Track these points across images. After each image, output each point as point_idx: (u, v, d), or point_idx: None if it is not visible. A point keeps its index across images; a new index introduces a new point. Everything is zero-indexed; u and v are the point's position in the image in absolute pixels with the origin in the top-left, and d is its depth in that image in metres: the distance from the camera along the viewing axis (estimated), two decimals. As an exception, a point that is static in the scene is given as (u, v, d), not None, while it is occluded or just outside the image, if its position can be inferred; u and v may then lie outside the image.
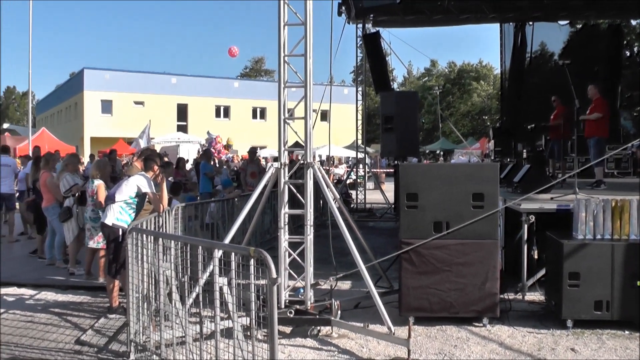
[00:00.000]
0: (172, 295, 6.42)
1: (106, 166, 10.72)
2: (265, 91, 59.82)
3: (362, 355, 6.86)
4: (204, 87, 59.53)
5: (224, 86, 61.64)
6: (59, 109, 69.01)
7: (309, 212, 7.82)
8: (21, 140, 38.23)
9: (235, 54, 25.16)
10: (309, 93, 7.81)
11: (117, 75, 57.40)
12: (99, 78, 56.35)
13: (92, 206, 10.02)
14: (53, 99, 73.38)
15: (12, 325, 8.35)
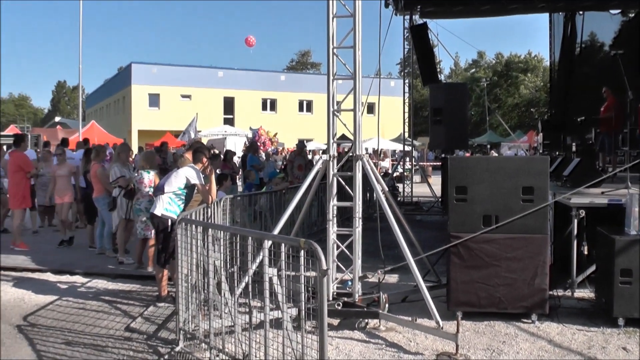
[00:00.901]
0: (221, 285, 6.45)
1: (154, 157, 10.84)
2: (311, 84, 59.79)
3: (409, 349, 6.82)
4: (251, 80, 59.70)
5: (271, 79, 61.71)
6: (108, 102, 70.06)
7: (357, 204, 7.79)
8: (72, 133, 38.97)
9: (252, 44, 25.19)
10: (358, 85, 7.78)
11: (164, 69, 57.94)
12: (147, 72, 57.00)
13: (148, 197, 10.12)
14: (102, 93, 74.54)
15: (65, 311, 8.55)
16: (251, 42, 23.94)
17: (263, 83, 60.32)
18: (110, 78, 75.10)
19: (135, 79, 56.86)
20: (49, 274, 10.94)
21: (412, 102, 23.72)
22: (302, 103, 62.90)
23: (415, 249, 8.29)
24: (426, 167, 32.29)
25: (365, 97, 7.96)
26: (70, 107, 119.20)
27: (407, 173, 25.42)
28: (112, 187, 11.53)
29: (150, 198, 10.03)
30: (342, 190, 8.20)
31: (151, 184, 10.07)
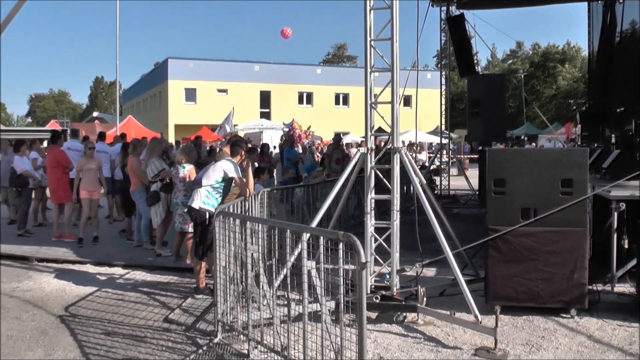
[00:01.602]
0: (259, 278, 6.47)
1: (192, 152, 10.90)
2: (348, 77, 59.65)
3: (448, 344, 6.78)
4: (287, 74, 59.68)
5: (307, 73, 61.65)
6: (144, 97, 70.66)
7: (395, 197, 7.75)
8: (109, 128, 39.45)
9: (288, 36, 25.15)
10: (396, 77, 7.73)
11: (200, 64, 58.21)
12: (183, 67, 57.33)
13: (183, 191, 10.20)
14: (139, 88, 75.18)
15: (104, 302, 8.70)
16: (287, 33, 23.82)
17: (299, 76, 60.28)
18: (147, 73, 75.75)
19: (171, 74, 57.26)
20: (88, 266, 11.13)
21: (449, 94, 23.53)
22: (339, 96, 62.74)
23: (453, 242, 8.21)
24: (463, 160, 31.99)
25: (402, 90, 7.89)
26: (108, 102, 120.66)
27: (444, 166, 25.26)
28: (148, 181, 11.64)
29: (185, 192, 10.12)
30: (379, 183, 8.16)
31: (186, 179, 10.14)
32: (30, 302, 8.77)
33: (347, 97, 61.99)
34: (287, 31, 24.14)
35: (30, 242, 13.14)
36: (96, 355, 6.55)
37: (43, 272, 10.75)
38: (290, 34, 24.48)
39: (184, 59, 59.06)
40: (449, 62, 24.24)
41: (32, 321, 7.88)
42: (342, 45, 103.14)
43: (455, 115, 48.33)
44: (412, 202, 13.52)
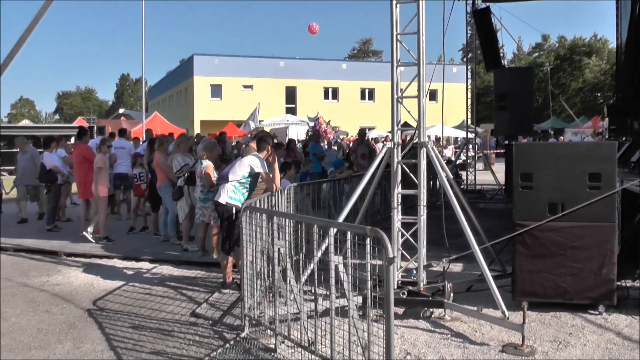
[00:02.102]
0: (286, 273, 6.48)
1: (214, 147, 10.94)
2: (373, 72, 59.56)
3: (475, 340, 6.74)
4: (312, 69, 59.72)
5: (332, 68, 61.60)
6: (170, 94, 71.09)
7: (422, 192, 7.71)
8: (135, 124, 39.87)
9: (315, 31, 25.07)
10: (422, 71, 7.68)
11: (226, 60, 58.45)
12: (209, 63, 57.61)
13: (200, 187, 10.26)
14: (164, 84, 75.67)
15: (131, 296, 8.78)
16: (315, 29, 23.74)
17: (324, 72, 60.28)
18: (173, 70, 76.24)
19: (197, 71, 57.59)
20: (115, 260, 11.24)
21: (475, 88, 23.37)
22: (364, 91, 62.61)
23: (480, 237, 8.14)
24: (489, 154, 31.78)
25: (428, 84, 7.84)
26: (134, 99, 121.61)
27: (470, 160, 25.12)
28: (175, 176, 11.71)
29: (201, 188, 10.18)
30: (405, 178, 8.13)
31: (201, 174, 10.19)
32: (59, 296, 8.88)
33: (373, 92, 61.85)
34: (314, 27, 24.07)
35: (58, 237, 13.29)
36: (124, 349, 6.61)
37: (71, 266, 10.88)
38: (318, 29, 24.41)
39: (209, 55, 59.41)
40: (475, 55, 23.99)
41: (61, 314, 7.99)
42: (367, 40, 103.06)
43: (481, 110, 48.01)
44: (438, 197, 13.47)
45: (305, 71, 59.05)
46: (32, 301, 8.66)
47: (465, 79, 23.79)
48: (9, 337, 7.11)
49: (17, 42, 6.31)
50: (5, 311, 8.16)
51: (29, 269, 10.72)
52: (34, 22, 6.37)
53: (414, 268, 7.88)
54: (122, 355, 6.41)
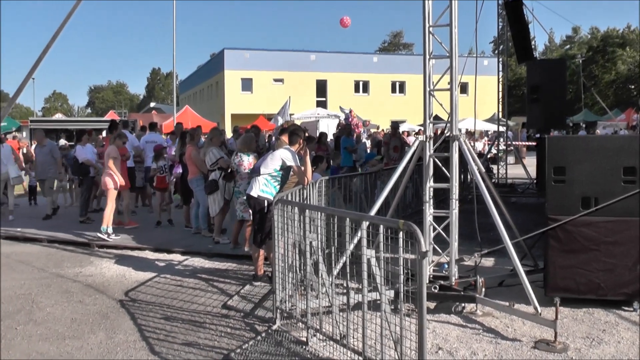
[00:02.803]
0: (318, 266, 6.48)
1: (252, 141, 10.97)
2: (404, 65, 59.40)
3: (507, 335, 6.68)
4: (343, 62, 59.69)
5: (363, 61, 61.48)
6: (201, 87, 71.54)
7: (454, 185, 7.66)
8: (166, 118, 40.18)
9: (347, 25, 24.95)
10: (455, 64, 7.64)
11: (256, 54, 58.69)
12: (239, 57, 57.90)
13: (247, 179, 10.24)
14: (195, 78, 76.19)
15: (163, 288, 8.87)
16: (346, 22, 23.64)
17: (355, 65, 60.21)
18: (203, 64, 76.70)
19: (228, 64, 57.93)
20: (147, 252, 11.36)
21: (507, 80, 23.13)
22: (395, 84, 62.41)
23: (512, 232, 8.06)
24: (520, 148, 31.48)
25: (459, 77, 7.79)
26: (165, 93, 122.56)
27: (501, 154, 24.92)
28: (207, 170, 11.75)
29: (248, 181, 10.19)
30: (437, 172, 8.08)
31: (250, 167, 10.21)
32: (92, 287, 9.00)
33: (404, 85, 61.63)
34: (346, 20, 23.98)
35: (91, 228, 13.43)
36: (156, 340, 6.67)
37: (104, 257, 11.01)
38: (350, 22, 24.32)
39: (240, 49, 59.68)
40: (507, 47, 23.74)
41: (94, 305, 8.10)
42: (398, 33, 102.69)
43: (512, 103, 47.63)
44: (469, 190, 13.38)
45: (335, 64, 59.03)
46: (66, 292, 8.79)
47: (497, 72, 23.56)
48: (44, 327, 7.23)
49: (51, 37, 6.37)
50: (40, 301, 8.32)
51: (63, 260, 10.88)
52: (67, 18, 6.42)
53: (445, 262, 7.85)
54: (155, 346, 6.47)
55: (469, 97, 17.97)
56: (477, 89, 16.23)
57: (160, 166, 13.94)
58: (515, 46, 20.92)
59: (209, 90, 66.97)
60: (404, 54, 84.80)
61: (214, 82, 63.54)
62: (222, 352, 6.22)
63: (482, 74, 17.08)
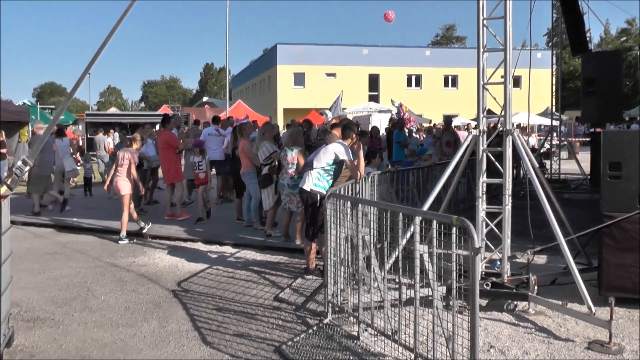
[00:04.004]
0: (370, 260, 6.48)
1: (299, 135, 11.00)
2: (457, 58, 58.92)
3: (560, 335, 6.58)
4: (395, 56, 59.47)
5: (415, 55, 61.16)
6: (253, 82, 72.15)
7: (507, 181, 7.57)
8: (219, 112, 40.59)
9: (391, 19, 24.75)
10: (509, 57, 7.55)
11: (309, 48, 59.04)
12: (292, 52, 58.28)
13: (290, 173, 10.33)
14: (248, 73, 76.93)
15: (215, 279, 8.98)
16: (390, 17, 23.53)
17: (408, 59, 59.93)
18: (256, 59, 77.25)
19: (280, 59, 58.38)
20: (199, 244, 11.51)
21: (560, 73, 22.70)
22: (447, 78, 61.94)
23: (565, 229, 7.92)
24: (574, 143, 30.90)
25: (513, 70, 7.69)
26: (217, 88, 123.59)
27: (554, 149, 24.50)
28: (260, 164, 11.83)
29: (291, 175, 10.24)
30: (489, 167, 8.00)
31: (293, 161, 10.26)
32: (145, 277, 9.18)
33: (456, 78, 61.13)
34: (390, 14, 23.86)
35: (144, 219, 13.65)
36: (208, 330, 6.77)
37: (156, 248, 11.21)
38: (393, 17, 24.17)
39: (292, 44, 60.06)
40: (561, 40, 23.26)
41: (147, 294, 8.27)
42: (451, 26, 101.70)
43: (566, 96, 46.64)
44: (522, 186, 13.21)
45: (388, 58, 58.82)
46: (119, 280, 8.99)
47: (550, 65, 23.11)
48: (99, 314, 7.42)
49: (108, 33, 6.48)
50: (95, 289, 8.54)
51: (117, 249, 11.12)
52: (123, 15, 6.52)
53: (497, 259, 7.76)
54: (207, 336, 6.56)
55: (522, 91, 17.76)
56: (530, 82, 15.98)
57: (196, 162, 13.75)
58: (570, 38, 20.48)
59: (262, 84, 67.47)
60: (456, 47, 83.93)
61: (267, 77, 63.99)
62: (273, 344, 6.27)
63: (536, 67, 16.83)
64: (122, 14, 6.54)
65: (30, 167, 6.00)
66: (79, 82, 6.57)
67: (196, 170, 13.75)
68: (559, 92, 22.58)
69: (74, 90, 7.01)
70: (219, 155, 15.78)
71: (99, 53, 6.47)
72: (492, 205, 7.94)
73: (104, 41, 6.45)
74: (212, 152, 15.63)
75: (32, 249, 11.24)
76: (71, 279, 9.08)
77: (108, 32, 6.46)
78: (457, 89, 60.78)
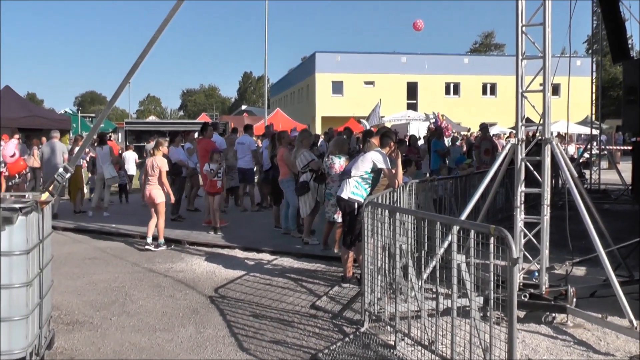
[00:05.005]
0: (407, 269, 6.47)
1: (345, 143, 11.05)
2: (495, 66, 58.37)
3: (599, 349, 6.47)
4: (434, 64, 59.19)
5: (454, 63, 60.77)
6: (292, 90, 72.50)
7: (546, 190, 7.51)
8: (257, 120, 41.00)
9: (420, 28, 24.63)
10: (548, 64, 7.48)
11: (347, 57, 59.12)
12: (330, 60, 58.43)
13: (338, 182, 10.32)
14: (286, 82, 77.35)
15: (252, 286, 9.03)
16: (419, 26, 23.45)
17: (446, 67, 59.61)
18: (295, 67, 77.69)
19: (319, 68, 58.57)
20: (237, 251, 11.59)
21: (600, 81, 22.39)
22: (486, 86, 61.44)
23: (605, 240, 7.82)
24: (614, 152, 30.41)
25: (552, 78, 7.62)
26: (256, 96, 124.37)
27: (594, 158, 24.16)
28: (298, 171, 11.88)
29: (339, 183, 10.27)
30: (528, 176, 7.93)
31: (341, 169, 10.28)
32: (182, 282, 9.27)
33: (495, 86, 60.59)
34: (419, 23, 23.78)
35: (182, 226, 13.83)
36: (244, 336, 6.81)
37: (194, 254, 11.32)
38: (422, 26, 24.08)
39: (331, 52, 60.18)
40: (601, 47, 22.91)
41: (184, 300, 8.35)
42: (489, 33, 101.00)
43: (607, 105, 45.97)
44: (561, 196, 13.05)
45: (426, 66, 58.61)
46: (157, 286, 9.10)
47: (590, 72, 22.82)
48: (137, 318, 7.53)
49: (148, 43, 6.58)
50: (133, 294, 8.66)
51: (154, 255, 11.25)
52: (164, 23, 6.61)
53: (536, 270, 7.67)
54: (243, 342, 6.60)
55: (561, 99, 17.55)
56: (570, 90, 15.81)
57: (211, 169, 13.27)
58: (611, 45, 20.15)
59: (300, 93, 67.77)
60: (495, 54, 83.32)
61: (305, 85, 64.26)
62: (309, 352, 6.28)
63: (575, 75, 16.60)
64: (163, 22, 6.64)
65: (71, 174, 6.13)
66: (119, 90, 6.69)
67: (214, 178, 13.30)
68: (599, 101, 22.28)
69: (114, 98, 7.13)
70: (247, 163, 15.92)
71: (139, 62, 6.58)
72: (530, 215, 7.85)
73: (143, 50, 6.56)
74: (241, 161, 15.89)
75: (72, 253, 11.41)
76: (109, 284, 9.23)
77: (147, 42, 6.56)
78: (495, 97, 60.24)
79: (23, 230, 5.40)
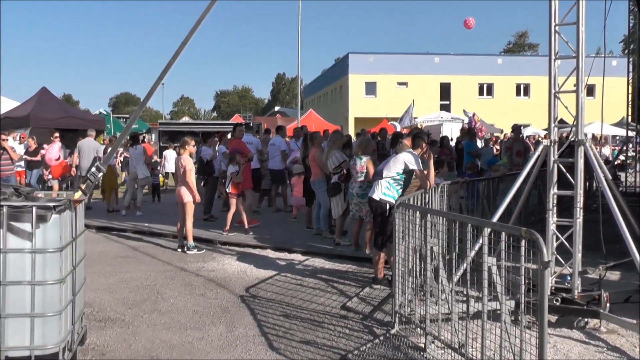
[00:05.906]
0: (438, 271, 6.44)
1: (368, 144, 11.02)
2: (529, 66, 57.64)
3: (634, 356, 6.38)
4: (467, 65, 58.73)
5: (487, 63, 60.20)
6: (325, 91, 72.54)
7: (579, 193, 7.42)
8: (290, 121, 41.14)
9: (471, 26, 24.42)
10: (582, 64, 7.38)
11: (380, 58, 58.93)
12: (363, 61, 58.31)
13: (360, 182, 10.37)
14: (319, 82, 77.40)
15: (283, 286, 9.08)
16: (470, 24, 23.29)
17: (479, 67, 59.10)
18: (328, 69, 77.74)
19: (352, 69, 58.51)
20: (268, 251, 11.65)
21: (637, 82, 22.05)
22: (519, 86, 60.82)
23: (640, 244, 7.72)
24: (651, 155, 29.95)
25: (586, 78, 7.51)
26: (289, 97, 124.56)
27: (630, 161, 23.84)
28: (329, 172, 11.89)
29: (360, 184, 10.28)
30: (561, 178, 7.85)
31: (362, 170, 10.29)
32: (214, 282, 9.35)
33: (528, 87, 59.94)
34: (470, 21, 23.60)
35: (214, 226, 13.90)
36: (274, 336, 6.84)
37: (226, 254, 11.40)
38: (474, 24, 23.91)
39: (364, 53, 60.16)
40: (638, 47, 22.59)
41: (215, 299, 8.42)
42: (523, 33, 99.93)
43: (644, 105, 45.27)
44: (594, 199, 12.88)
45: (459, 67, 58.25)
46: (189, 285, 9.18)
47: (626, 73, 22.51)
48: (168, 316, 7.61)
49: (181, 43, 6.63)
50: (164, 292, 8.77)
51: (186, 255, 11.35)
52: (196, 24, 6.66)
53: (568, 274, 7.58)
54: (273, 342, 6.64)
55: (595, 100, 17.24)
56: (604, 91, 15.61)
57: (236, 171, 13.18)
58: (647, 44, 19.88)
59: (333, 94, 67.81)
60: (529, 54, 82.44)
61: (338, 86, 64.26)
62: (339, 353, 6.30)
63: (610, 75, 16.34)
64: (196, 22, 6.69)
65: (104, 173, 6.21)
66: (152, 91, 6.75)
67: (235, 180, 13.11)
68: (635, 102, 21.95)
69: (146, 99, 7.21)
70: (277, 164, 16.07)
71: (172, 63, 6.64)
72: (563, 218, 7.75)
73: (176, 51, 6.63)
74: (272, 162, 16.06)
75: (104, 252, 11.57)
76: (141, 282, 9.34)
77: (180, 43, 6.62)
78: (529, 98, 59.56)
79: (56, 228, 5.49)
